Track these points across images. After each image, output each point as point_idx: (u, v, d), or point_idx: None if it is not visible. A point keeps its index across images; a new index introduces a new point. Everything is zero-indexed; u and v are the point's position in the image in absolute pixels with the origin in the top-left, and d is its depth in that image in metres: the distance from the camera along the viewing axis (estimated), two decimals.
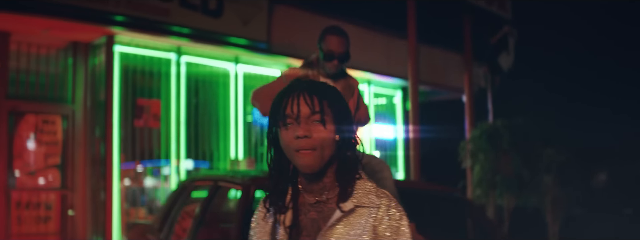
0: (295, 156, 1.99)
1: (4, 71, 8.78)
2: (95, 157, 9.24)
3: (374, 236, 1.96)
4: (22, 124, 9.07)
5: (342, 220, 1.99)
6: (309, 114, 1.98)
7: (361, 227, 1.97)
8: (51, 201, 9.22)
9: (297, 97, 1.99)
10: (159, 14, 8.92)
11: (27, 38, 9.05)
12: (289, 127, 1.98)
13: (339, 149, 2.02)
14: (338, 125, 2.01)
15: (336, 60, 4.24)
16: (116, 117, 9.03)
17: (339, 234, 1.97)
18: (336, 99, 2.05)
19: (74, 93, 9.46)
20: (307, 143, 1.96)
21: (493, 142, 9.63)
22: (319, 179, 2.04)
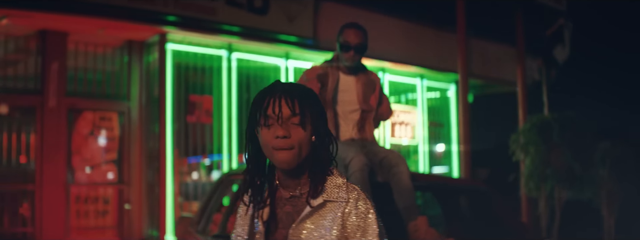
0: (274, 154, 2.10)
1: (62, 70, 9.05)
2: (150, 152, 9.44)
3: (342, 229, 2.08)
4: (80, 120, 9.34)
5: (313, 214, 2.11)
6: (289, 116, 2.09)
7: (330, 221, 2.09)
8: (108, 195, 9.47)
9: (278, 98, 2.10)
10: (207, 13, 9.07)
11: (84, 37, 9.31)
12: (270, 127, 2.10)
13: (315, 148, 2.14)
14: (315, 127, 2.13)
15: (352, 51, 4.37)
16: (169, 113, 9.20)
17: (309, 226, 2.10)
18: (314, 102, 2.16)
19: (130, 90, 9.69)
20: (286, 143, 2.08)
21: (543, 135, 9.49)
22: (295, 175, 2.17)
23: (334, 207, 2.11)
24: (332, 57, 4.67)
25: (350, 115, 4.52)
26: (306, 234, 2.10)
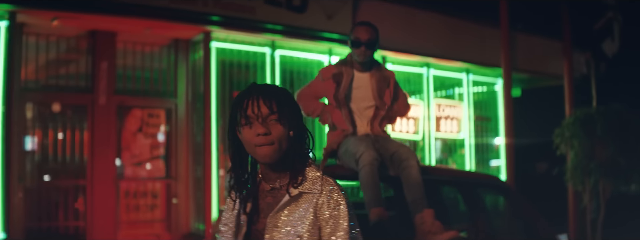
0: (256, 150, 2.27)
1: (111, 69, 9.31)
2: (197, 148, 9.64)
3: (315, 218, 2.25)
4: (129, 117, 9.59)
5: (290, 204, 2.28)
6: (268, 114, 2.25)
7: (304, 210, 2.26)
8: (157, 190, 9.71)
9: (256, 99, 2.25)
10: (246, 11, 9.22)
11: (132, 37, 9.56)
12: (251, 126, 2.25)
13: (292, 143, 2.30)
14: (291, 123, 2.28)
15: (363, 47, 4.47)
16: (214, 110, 9.38)
17: (285, 216, 2.27)
18: (289, 101, 2.32)
19: (177, 87, 9.90)
20: (266, 139, 2.24)
21: (587, 128, 9.37)
22: (275, 168, 2.34)
23: (309, 198, 2.27)
24: (347, 56, 4.75)
25: (364, 112, 4.59)
26: (283, 222, 2.26)
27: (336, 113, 4.55)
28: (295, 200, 2.28)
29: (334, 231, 2.24)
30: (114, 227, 9.19)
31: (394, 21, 11.05)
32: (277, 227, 2.26)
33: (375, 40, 4.59)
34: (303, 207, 2.26)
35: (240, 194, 2.37)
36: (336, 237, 2.24)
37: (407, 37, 11.26)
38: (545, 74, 13.91)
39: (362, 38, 4.55)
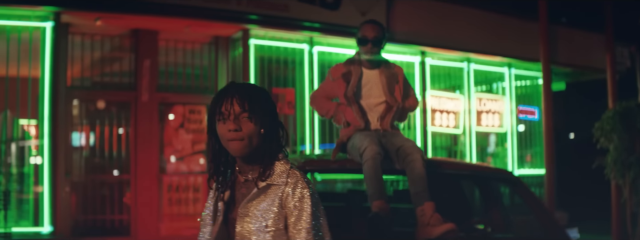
0: (228, 144, 2.44)
1: (154, 66, 9.53)
2: None
3: (281, 208, 2.41)
4: (171, 114, 9.80)
5: (259, 195, 2.45)
6: (240, 112, 2.40)
7: (271, 200, 2.43)
8: (198, 184, 9.91)
9: (231, 97, 2.41)
10: (279, 9, 9.34)
11: (173, 35, 9.76)
12: (225, 122, 2.41)
13: (264, 139, 2.44)
14: (263, 121, 2.43)
15: (370, 44, 4.57)
16: None
17: (254, 206, 2.44)
18: (263, 100, 2.48)
19: (217, 84, 10.08)
20: (237, 135, 2.40)
21: (626, 122, 9.25)
22: (248, 162, 2.49)
23: (276, 190, 2.44)
24: (355, 54, 4.82)
25: (375, 108, 4.64)
26: (252, 212, 2.43)
27: (348, 111, 4.62)
28: (264, 192, 2.45)
29: (297, 220, 2.39)
30: (157, 220, 9.43)
31: (430, 16, 11.05)
32: (248, 217, 2.43)
33: (381, 37, 4.67)
34: (270, 198, 2.43)
35: (217, 183, 2.54)
36: (300, 226, 2.39)
37: (444, 32, 11.25)
38: (589, 67, 13.72)
39: (368, 36, 4.65)
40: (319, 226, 2.41)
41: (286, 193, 2.42)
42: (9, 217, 8.32)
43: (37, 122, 8.87)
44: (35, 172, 8.77)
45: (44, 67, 8.63)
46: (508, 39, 12.18)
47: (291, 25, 9.64)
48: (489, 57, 12.22)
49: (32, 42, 8.75)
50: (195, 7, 8.95)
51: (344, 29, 9.79)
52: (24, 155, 8.81)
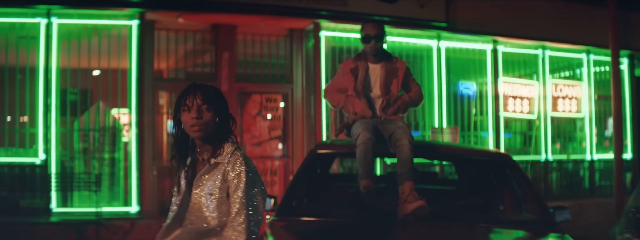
0: (190, 129, 3.05)
1: (233, 58, 10.07)
2: (311, 129, 10.23)
3: (224, 181, 3.03)
4: (249, 102, 10.34)
5: (209, 171, 3.08)
6: (201, 104, 3.03)
7: (217, 175, 3.05)
8: (276, 168, 10.42)
9: (194, 93, 3.00)
10: (338, 5, 9.69)
11: (251, 29, 10.28)
12: (189, 111, 3.00)
13: (217, 126, 3.07)
14: (217, 111, 3.07)
15: (372, 41, 4.87)
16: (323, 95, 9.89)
17: (205, 179, 3.07)
18: (218, 96, 3.11)
19: (292, 74, 10.53)
20: (198, 121, 3.02)
21: None
22: (205, 143, 3.12)
23: (221, 167, 3.05)
24: (361, 51, 5.11)
25: (378, 99, 4.96)
26: (203, 183, 3.07)
27: (357, 102, 4.95)
28: (213, 168, 3.06)
29: (235, 191, 3.00)
30: None
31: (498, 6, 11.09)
32: (200, 187, 3.07)
33: (382, 34, 4.98)
34: (217, 173, 3.05)
35: (179, 162, 3.16)
36: (236, 195, 2.99)
37: (513, 21, 11.26)
38: None
39: (370, 33, 4.96)
40: (252, 195, 2.97)
41: (228, 169, 2.99)
42: (101, 198, 9.09)
43: (127, 111, 9.60)
44: (125, 157, 9.53)
45: (131, 60, 9.34)
46: (582, 26, 12.02)
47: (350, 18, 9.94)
48: (563, 44, 12.12)
49: (120, 38, 9.48)
50: (267, 5, 9.49)
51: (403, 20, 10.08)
52: (115, 141, 9.54)
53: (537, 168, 12.19)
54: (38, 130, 9.19)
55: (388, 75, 5.01)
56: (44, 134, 9.18)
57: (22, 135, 9.48)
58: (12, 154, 9.42)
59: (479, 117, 11.56)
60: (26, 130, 9.37)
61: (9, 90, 9.49)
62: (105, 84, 9.61)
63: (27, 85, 9.32)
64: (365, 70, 5.01)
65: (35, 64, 9.19)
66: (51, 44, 9.17)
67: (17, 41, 9.34)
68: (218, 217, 3.01)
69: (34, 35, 9.21)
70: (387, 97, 4.99)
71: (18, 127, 9.56)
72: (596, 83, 13.11)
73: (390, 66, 5.06)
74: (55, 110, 9.25)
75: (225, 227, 2.97)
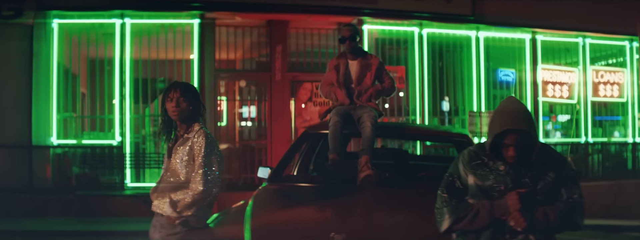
0: (171, 114, 3.91)
1: (285, 50, 10.96)
2: None
3: (191, 150, 3.86)
4: (300, 90, 11.21)
5: (182, 144, 3.94)
6: (179, 96, 3.89)
7: (187, 146, 3.90)
8: None
9: (175, 89, 3.89)
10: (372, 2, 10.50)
11: (302, 24, 11.16)
12: (171, 101, 3.87)
13: (190, 113, 3.93)
14: (190, 102, 3.92)
15: (347, 41, 5.56)
16: None
17: (180, 150, 3.92)
18: (192, 91, 3.98)
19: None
20: (176, 109, 3.91)
21: None
22: (182, 124, 3.98)
23: (190, 140, 3.91)
24: (342, 52, 5.89)
25: (355, 89, 5.68)
26: (178, 152, 3.92)
27: (338, 92, 5.71)
28: (185, 141, 3.92)
29: (197, 156, 3.84)
30: None
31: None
32: (177, 155, 3.92)
33: (354, 35, 5.72)
34: (187, 144, 3.91)
35: (165, 139, 4.02)
36: (198, 159, 3.83)
37: (542, 13, 11.69)
38: None
39: (345, 35, 5.73)
40: (208, 160, 3.82)
41: (194, 141, 3.85)
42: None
43: None
44: None
45: (193, 53, 10.40)
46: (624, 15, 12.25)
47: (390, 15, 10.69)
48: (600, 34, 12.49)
49: (184, 34, 10.55)
50: (315, 5, 10.55)
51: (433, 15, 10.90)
52: None
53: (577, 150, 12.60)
54: (115, 116, 10.37)
55: (362, 69, 5.77)
56: (120, 119, 10.35)
57: (101, 121, 10.70)
58: (93, 136, 10.65)
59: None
60: (105, 116, 10.57)
61: (91, 81, 10.71)
62: (172, 74, 10.70)
63: (105, 76, 10.50)
64: (345, 66, 5.78)
65: (112, 58, 10.36)
66: (125, 41, 10.34)
67: (97, 37, 10.54)
68: (186, 175, 3.87)
69: (111, 32, 10.39)
70: (359, 88, 5.74)
71: (98, 113, 10.75)
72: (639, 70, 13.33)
73: (364, 62, 5.81)
74: (129, 98, 10.39)
75: (191, 183, 3.84)
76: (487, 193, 3.02)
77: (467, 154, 3.15)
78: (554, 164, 3.04)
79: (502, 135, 2.99)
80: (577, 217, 3.00)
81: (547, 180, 2.99)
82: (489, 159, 3.07)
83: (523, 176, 2.99)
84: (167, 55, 10.58)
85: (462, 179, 3.10)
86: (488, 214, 2.96)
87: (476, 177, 3.06)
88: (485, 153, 3.09)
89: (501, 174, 3.02)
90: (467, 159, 3.12)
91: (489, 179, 3.03)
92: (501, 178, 3.02)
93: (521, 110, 3.03)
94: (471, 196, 3.07)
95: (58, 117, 10.25)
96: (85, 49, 10.70)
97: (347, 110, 5.53)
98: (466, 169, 3.10)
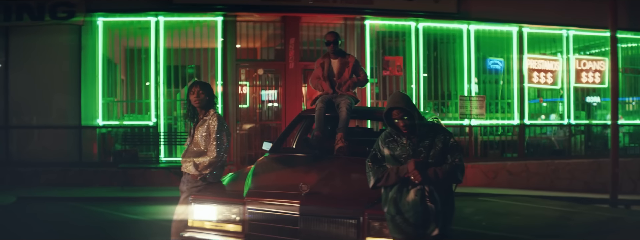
0: (193, 103, 5.20)
1: (298, 42, 12.27)
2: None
3: (208, 129, 5.15)
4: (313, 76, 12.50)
5: (202, 125, 5.26)
6: (199, 90, 5.18)
7: (204, 126, 5.21)
8: None
9: (196, 85, 5.21)
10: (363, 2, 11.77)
11: (312, 19, 12.45)
12: (193, 94, 5.17)
13: (207, 101, 5.19)
14: (206, 94, 5.21)
15: (331, 44, 6.85)
16: (368, 71, 11.99)
17: (200, 128, 5.24)
18: (207, 87, 5.28)
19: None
20: (197, 100, 5.23)
21: None
22: (201, 110, 5.26)
23: (207, 121, 5.21)
24: (327, 51, 7.14)
25: (336, 82, 6.94)
26: (198, 131, 5.20)
27: (323, 84, 7.00)
28: (204, 122, 5.22)
29: (211, 133, 5.13)
30: None
31: None
32: (197, 132, 5.23)
33: (336, 40, 6.99)
34: (205, 125, 5.20)
35: (190, 121, 5.31)
36: (212, 137, 5.11)
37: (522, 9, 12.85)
38: None
39: (329, 40, 7.01)
40: (220, 135, 5.10)
41: (209, 122, 5.17)
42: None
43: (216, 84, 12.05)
44: None
45: (217, 46, 11.81)
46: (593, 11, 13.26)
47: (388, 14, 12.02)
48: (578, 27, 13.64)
49: (209, 28, 11.94)
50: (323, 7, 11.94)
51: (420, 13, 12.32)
52: None
53: (559, 130, 13.78)
54: (151, 100, 11.80)
55: (342, 66, 7.05)
56: (155, 103, 11.78)
57: (139, 105, 12.17)
58: (133, 118, 12.11)
59: (505, 86, 13.23)
60: (142, 101, 12.02)
61: (130, 69, 12.15)
62: (199, 62, 12.14)
63: (143, 65, 11.94)
64: (328, 63, 7.08)
65: (148, 48, 11.80)
66: (159, 34, 11.78)
67: (134, 32, 11.97)
68: (205, 145, 5.16)
69: (147, 27, 11.82)
70: (340, 80, 7.01)
71: (137, 98, 12.19)
72: (627, 58, 14.42)
73: (344, 60, 7.09)
74: (163, 85, 11.81)
75: (207, 151, 5.13)
76: (397, 159, 4.31)
77: (384, 134, 4.44)
78: (441, 137, 4.33)
79: (390, 113, 4.27)
80: (458, 174, 4.27)
81: (437, 149, 4.28)
82: (397, 136, 4.36)
83: (419, 147, 4.29)
84: (195, 45, 11.99)
85: (380, 152, 4.40)
86: (396, 174, 4.26)
87: (389, 149, 4.35)
88: (395, 133, 4.37)
89: (404, 146, 4.31)
90: (383, 137, 4.42)
91: (397, 150, 4.32)
92: (404, 149, 4.30)
93: (400, 96, 4.32)
94: (387, 162, 4.37)
95: (103, 101, 11.72)
96: (124, 42, 12.15)
97: (330, 98, 6.83)
98: (383, 144, 4.40)
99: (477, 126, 12.86)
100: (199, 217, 4.98)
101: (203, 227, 4.96)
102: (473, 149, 12.87)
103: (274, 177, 5.58)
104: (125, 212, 9.15)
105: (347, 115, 6.57)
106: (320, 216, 4.66)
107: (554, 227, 8.63)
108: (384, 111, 4.31)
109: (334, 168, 5.74)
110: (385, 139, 4.41)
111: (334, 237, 4.63)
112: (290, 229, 4.68)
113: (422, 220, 4.23)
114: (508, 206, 10.42)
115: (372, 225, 4.55)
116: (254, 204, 4.85)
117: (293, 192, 4.81)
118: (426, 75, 12.70)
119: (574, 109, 13.82)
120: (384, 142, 4.40)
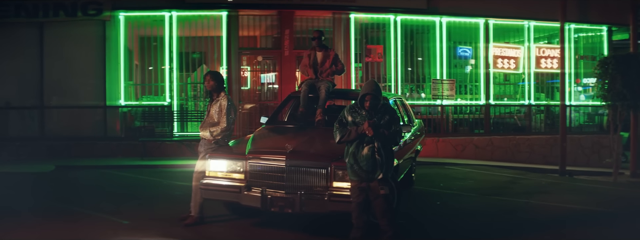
0: (207, 87, 6.78)
1: (292, 33, 13.75)
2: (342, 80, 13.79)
3: (220, 108, 6.71)
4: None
5: (213, 104, 6.85)
6: (210, 78, 6.74)
7: (216, 104, 6.82)
8: None
9: (209, 74, 6.79)
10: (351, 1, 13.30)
11: (305, 13, 13.94)
12: (206, 81, 6.74)
13: (217, 86, 6.73)
14: (217, 81, 6.75)
15: (316, 40, 8.32)
16: (353, 57, 13.55)
17: (214, 106, 6.85)
18: (218, 75, 6.81)
19: (334, 42, 14.05)
20: (209, 84, 6.82)
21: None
22: (213, 92, 6.82)
23: (219, 101, 6.79)
24: (313, 45, 8.57)
25: (319, 69, 8.40)
26: (213, 108, 6.77)
27: (309, 71, 8.46)
28: (216, 102, 6.78)
29: (222, 110, 6.68)
30: None
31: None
32: (212, 109, 6.75)
33: (320, 36, 8.44)
34: (217, 104, 6.76)
35: (206, 101, 6.85)
36: (223, 111, 6.64)
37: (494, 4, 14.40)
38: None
39: (315, 36, 8.45)
40: (229, 112, 6.58)
41: (219, 102, 6.68)
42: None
43: (221, 69, 13.54)
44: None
45: (222, 36, 13.35)
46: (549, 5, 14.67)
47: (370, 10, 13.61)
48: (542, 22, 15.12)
49: (215, 20, 13.41)
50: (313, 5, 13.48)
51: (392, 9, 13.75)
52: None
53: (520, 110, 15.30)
54: (165, 83, 13.32)
55: (324, 57, 8.50)
56: (169, 86, 13.31)
57: (156, 87, 13.71)
58: (151, 99, 13.68)
59: (475, 70, 14.72)
60: (159, 84, 13.55)
61: (147, 57, 13.65)
62: (206, 49, 13.69)
63: (158, 53, 13.45)
64: (314, 55, 8.54)
65: (163, 38, 13.34)
66: (172, 26, 13.29)
67: (150, 23, 13.47)
68: (218, 119, 6.64)
69: (162, 19, 13.31)
70: (322, 69, 8.47)
71: (154, 81, 13.69)
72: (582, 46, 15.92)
73: (326, 53, 8.55)
74: (176, 70, 13.31)
75: (219, 123, 6.64)
76: (356, 124, 5.91)
77: (349, 106, 6.04)
78: (389, 113, 5.94)
79: (364, 96, 5.83)
80: (397, 138, 5.94)
81: (385, 120, 5.90)
82: (358, 108, 5.95)
83: (373, 117, 5.88)
84: (203, 33, 13.54)
85: (345, 118, 6.00)
86: (355, 132, 5.83)
87: (352, 117, 5.95)
88: (357, 105, 5.94)
89: (362, 115, 5.91)
90: (348, 108, 6.01)
91: (358, 118, 5.92)
92: (362, 117, 5.91)
93: (373, 84, 5.94)
94: (349, 126, 5.94)
95: (124, 84, 13.25)
96: (142, 32, 13.66)
97: (313, 82, 8.31)
98: (348, 113, 5.99)
99: (448, 106, 14.36)
100: (214, 168, 6.58)
101: (216, 176, 6.56)
102: (444, 125, 14.37)
103: (268, 141, 7.16)
104: (147, 175, 10.70)
105: (325, 96, 8.06)
106: (300, 167, 6.23)
107: (499, 188, 10.10)
108: (360, 94, 5.90)
109: (313, 134, 7.29)
110: (350, 109, 5.99)
111: (310, 182, 6.20)
112: (278, 176, 6.27)
113: (372, 167, 5.82)
114: (468, 173, 11.92)
115: (337, 173, 6.15)
116: (253, 159, 6.41)
117: (281, 150, 6.36)
118: (403, 61, 14.20)
119: (534, 91, 15.31)
120: (349, 111, 5.98)
